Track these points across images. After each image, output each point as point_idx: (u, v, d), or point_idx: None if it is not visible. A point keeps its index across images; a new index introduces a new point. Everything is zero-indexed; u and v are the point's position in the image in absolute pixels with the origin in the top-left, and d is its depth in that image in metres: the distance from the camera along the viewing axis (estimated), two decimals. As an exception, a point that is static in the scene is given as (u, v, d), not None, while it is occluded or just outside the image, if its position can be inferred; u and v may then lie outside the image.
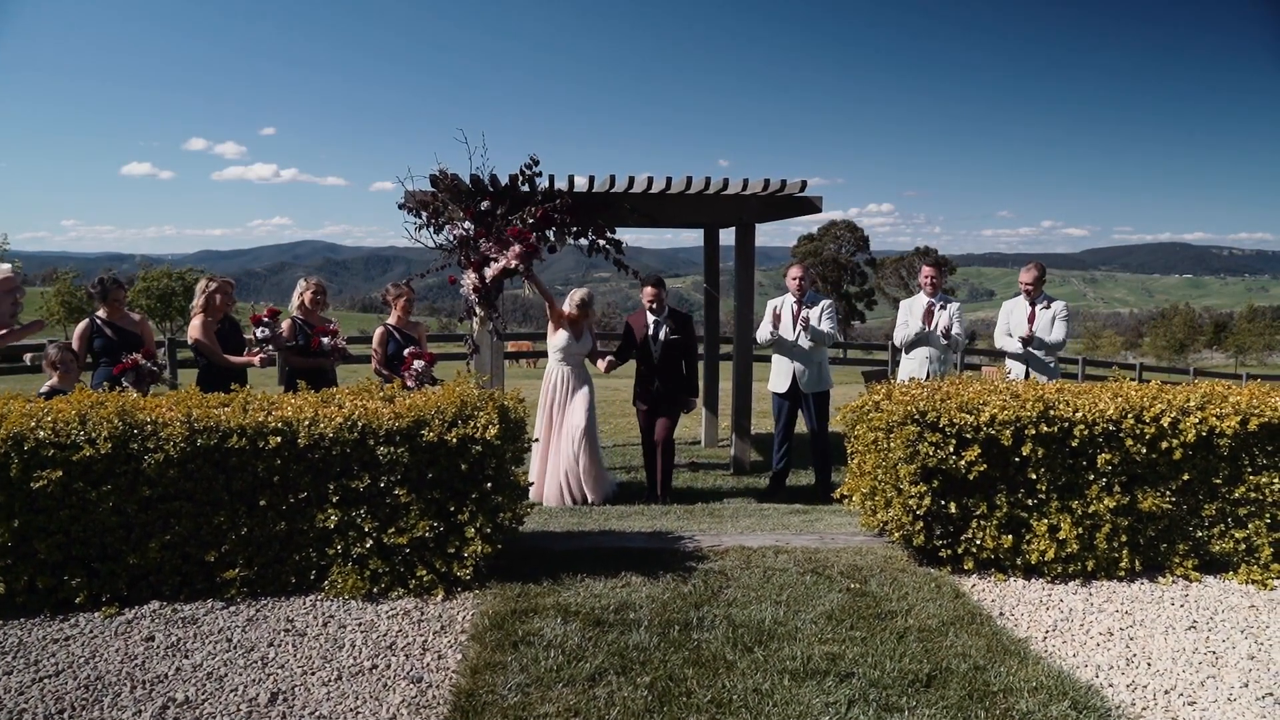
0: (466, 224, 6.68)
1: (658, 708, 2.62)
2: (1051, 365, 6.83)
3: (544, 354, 6.52)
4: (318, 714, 2.66)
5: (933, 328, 6.83)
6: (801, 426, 6.99)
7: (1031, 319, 6.92)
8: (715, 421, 9.02)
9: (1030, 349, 6.73)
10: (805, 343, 6.69)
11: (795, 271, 7.04)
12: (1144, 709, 2.72)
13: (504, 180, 6.69)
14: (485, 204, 6.64)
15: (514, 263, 6.26)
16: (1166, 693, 2.83)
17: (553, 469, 6.25)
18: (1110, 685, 2.88)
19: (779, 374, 6.93)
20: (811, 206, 7.78)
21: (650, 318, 6.52)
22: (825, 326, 6.78)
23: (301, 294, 6.48)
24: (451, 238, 6.77)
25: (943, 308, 6.91)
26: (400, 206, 6.83)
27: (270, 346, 6.02)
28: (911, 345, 6.98)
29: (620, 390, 11.55)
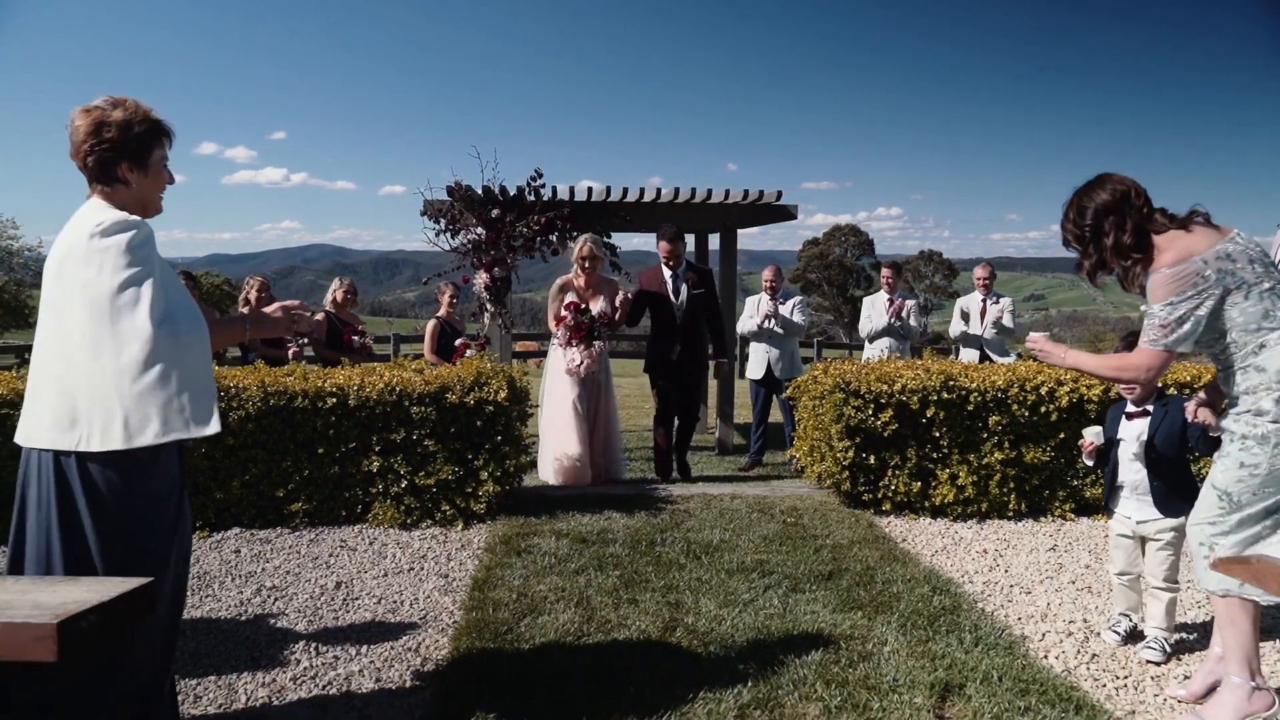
0: (479, 229, 7.63)
1: (623, 588, 3.54)
2: (1004, 348, 7.76)
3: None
4: (373, 594, 3.59)
5: (891, 319, 7.75)
6: (777, 415, 7.89)
7: (984, 313, 7.85)
8: (705, 410, 9.92)
9: (985, 333, 7.68)
10: (778, 328, 7.53)
11: (768, 273, 7.97)
12: (988, 595, 3.62)
13: (512, 190, 7.63)
14: (496, 212, 7.57)
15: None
16: (1011, 586, 3.73)
17: (588, 448, 5.72)
18: (970, 581, 3.78)
19: (756, 362, 7.82)
20: (787, 214, 8.70)
21: (668, 272, 6.17)
22: (796, 318, 7.69)
23: (334, 292, 7.43)
24: (466, 242, 7.72)
25: (901, 302, 7.84)
26: (422, 214, 7.80)
27: (304, 341, 6.96)
28: (875, 335, 7.92)
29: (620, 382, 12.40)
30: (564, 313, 5.70)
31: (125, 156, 2.12)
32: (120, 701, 2.15)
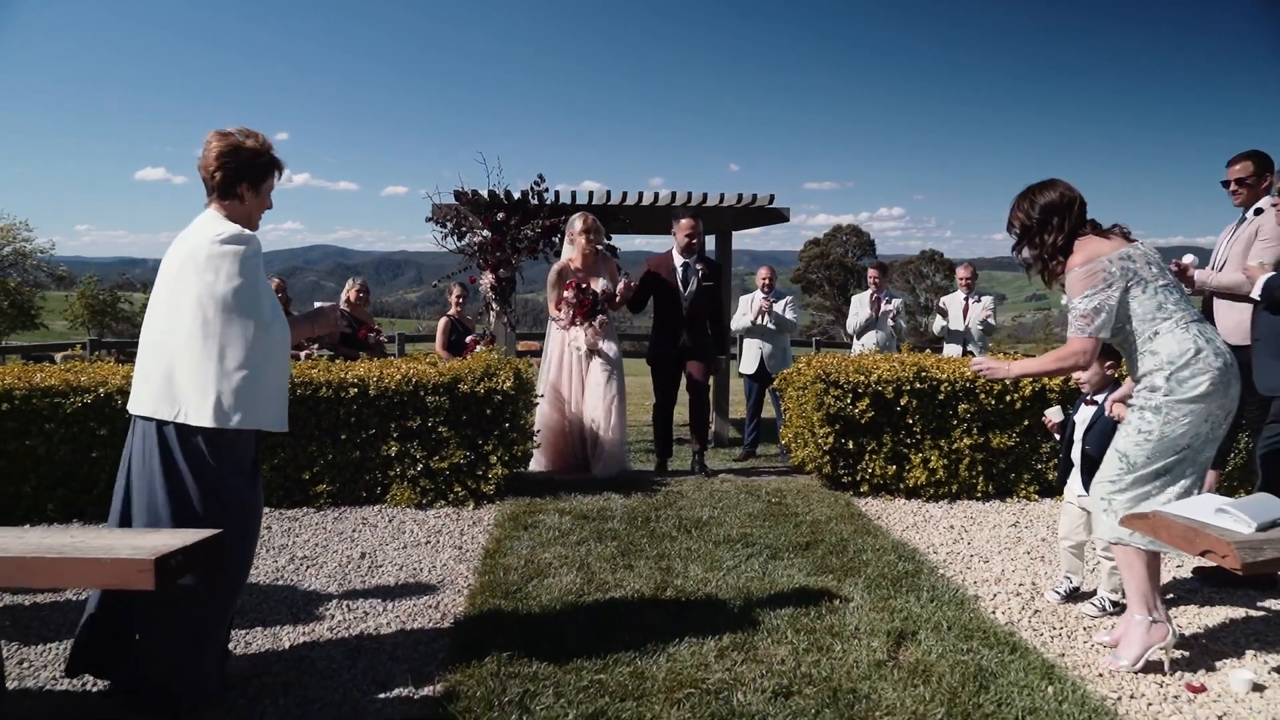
0: (485, 232, 8.03)
1: (619, 556, 3.94)
2: (986, 346, 8.17)
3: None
4: (395, 563, 3.98)
5: (879, 316, 8.15)
6: (771, 410, 8.28)
7: (966, 311, 8.26)
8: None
9: (968, 330, 8.09)
10: (770, 324, 7.93)
11: (763, 272, 8.37)
12: (949, 563, 4.01)
13: (516, 195, 8.03)
14: (501, 215, 7.98)
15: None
16: (971, 556, 4.13)
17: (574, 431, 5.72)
18: (934, 552, 4.17)
19: (749, 358, 8.22)
20: (780, 216, 9.10)
21: (679, 260, 5.94)
22: (789, 315, 8.09)
23: (348, 292, 7.84)
24: (472, 244, 8.13)
25: (888, 301, 8.24)
26: (428, 220, 8.21)
27: (316, 344, 7.36)
28: (861, 331, 8.32)
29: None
30: (565, 293, 5.63)
31: (246, 178, 2.57)
32: (185, 636, 2.55)
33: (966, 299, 8.29)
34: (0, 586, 2.85)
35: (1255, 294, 3.49)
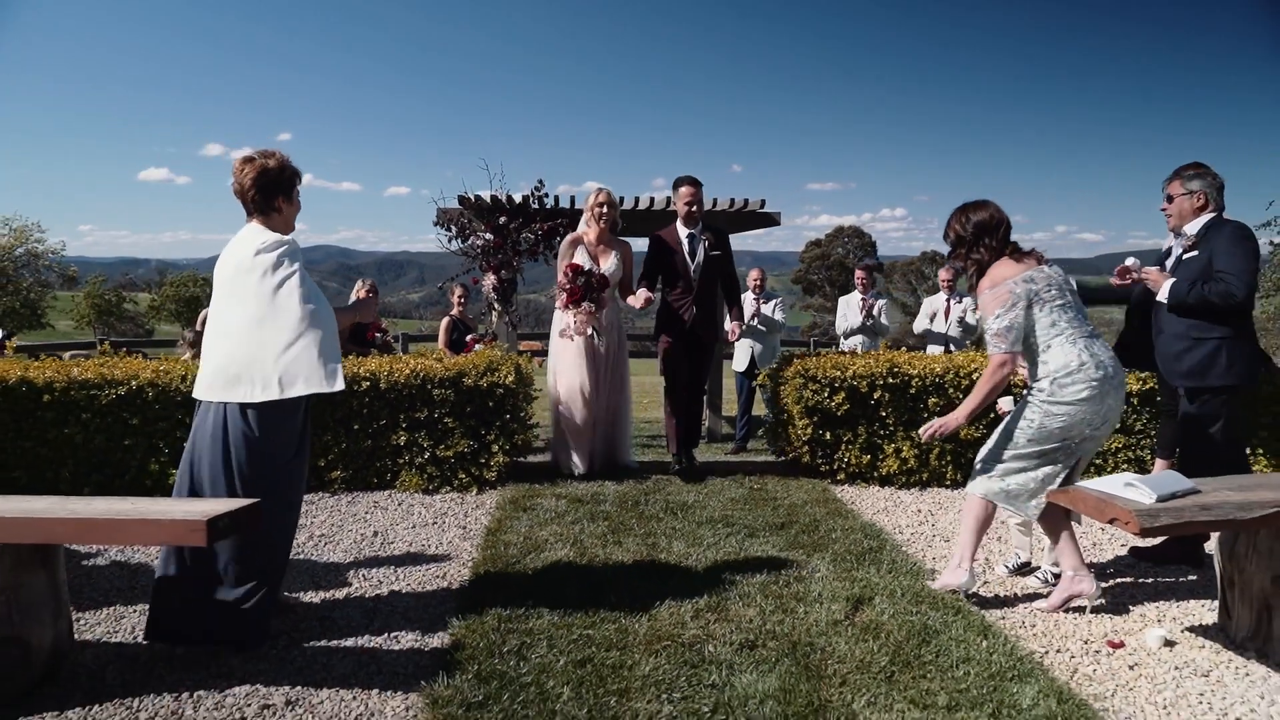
0: (487, 235, 8.42)
1: (610, 534, 4.31)
2: (963, 343, 8.54)
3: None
4: (405, 540, 4.36)
5: (865, 317, 8.52)
6: (762, 407, 8.64)
7: (948, 311, 8.62)
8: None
9: (949, 332, 8.47)
10: (761, 325, 8.31)
11: (754, 274, 8.76)
12: (912, 541, 4.38)
13: (518, 199, 8.41)
14: (502, 219, 8.36)
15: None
16: (934, 535, 4.49)
17: (592, 431, 5.66)
18: (900, 533, 4.54)
19: (740, 355, 8.59)
20: (771, 220, 9.47)
21: (684, 231, 5.75)
22: (778, 316, 8.46)
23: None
24: (475, 246, 8.52)
25: (874, 302, 8.61)
26: (435, 223, 8.59)
27: None
28: (849, 332, 8.68)
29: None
30: (560, 275, 5.60)
31: (280, 192, 2.98)
32: (255, 573, 2.95)
33: (948, 300, 8.66)
34: (72, 544, 3.18)
35: (1162, 298, 3.86)
